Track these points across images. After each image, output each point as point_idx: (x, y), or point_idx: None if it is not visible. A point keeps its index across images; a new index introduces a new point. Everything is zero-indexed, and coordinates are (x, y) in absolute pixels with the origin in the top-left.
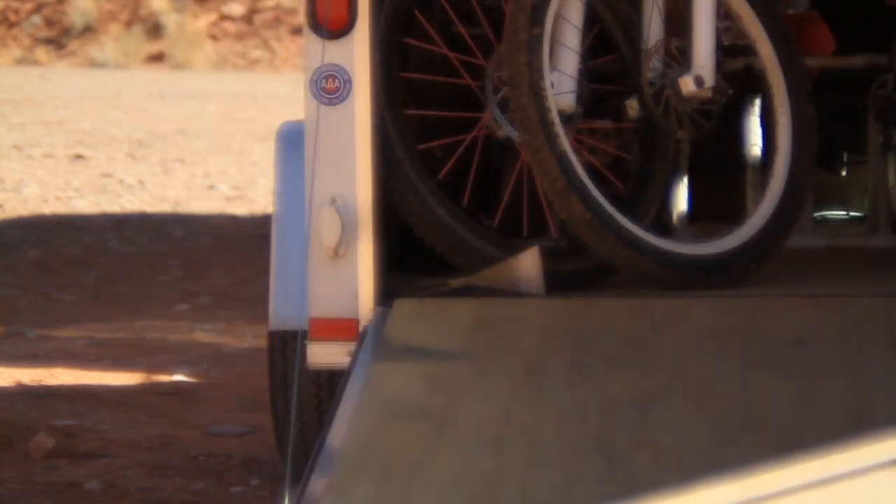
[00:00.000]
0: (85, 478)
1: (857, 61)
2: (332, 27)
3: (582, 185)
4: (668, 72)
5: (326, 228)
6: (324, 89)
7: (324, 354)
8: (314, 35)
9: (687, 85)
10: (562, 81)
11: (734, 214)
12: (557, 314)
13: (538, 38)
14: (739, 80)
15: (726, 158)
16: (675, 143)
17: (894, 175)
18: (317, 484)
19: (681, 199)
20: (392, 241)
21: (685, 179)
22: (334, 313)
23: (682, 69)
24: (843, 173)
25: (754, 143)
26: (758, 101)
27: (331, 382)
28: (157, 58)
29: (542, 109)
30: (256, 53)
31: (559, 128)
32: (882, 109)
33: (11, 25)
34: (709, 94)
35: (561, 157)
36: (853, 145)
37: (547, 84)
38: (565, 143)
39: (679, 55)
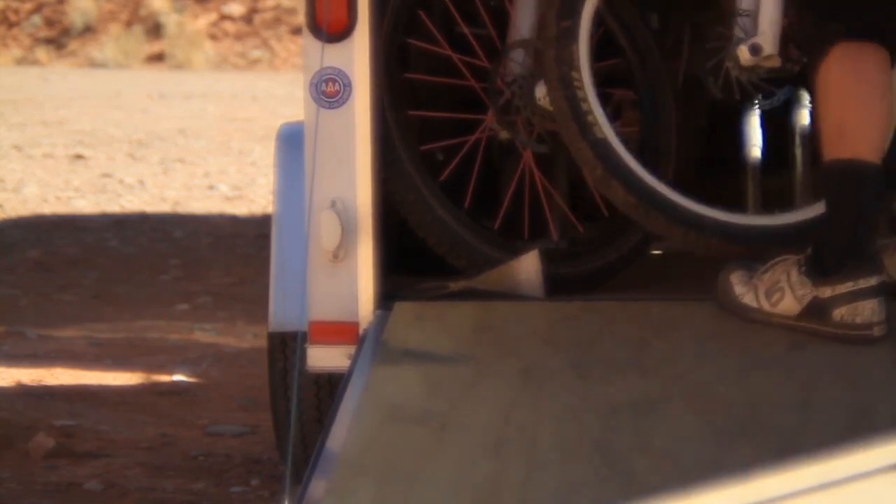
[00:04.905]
0: (85, 478)
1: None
2: (331, 30)
3: (624, 170)
4: (726, 41)
5: (326, 231)
6: (324, 93)
7: (323, 358)
8: (314, 38)
9: (744, 54)
10: None
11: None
12: (558, 317)
13: (567, 32)
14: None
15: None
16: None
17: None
18: (316, 487)
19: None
20: (392, 244)
21: None
22: (334, 316)
23: (741, 37)
24: None
25: (754, 143)
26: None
27: (331, 383)
28: (157, 58)
29: (574, 100)
30: (256, 53)
31: (595, 116)
32: None
33: (11, 25)
34: (771, 62)
35: (596, 145)
36: None
37: (581, 75)
38: (604, 131)
39: (738, 22)
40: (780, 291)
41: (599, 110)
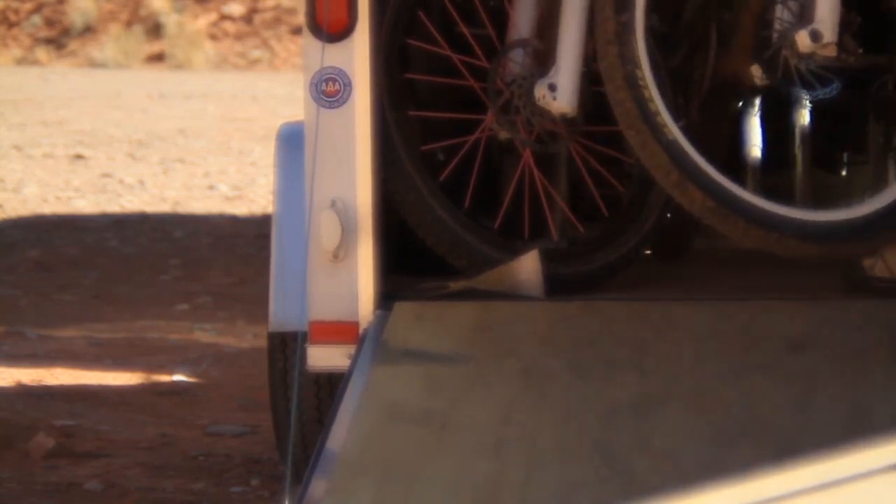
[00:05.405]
0: (85, 478)
1: (858, 61)
2: (331, 30)
3: (699, 173)
4: (784, 28)
5: (326, 231)
6: (324, 92)
7: (324, 357)
8: (314, 38)
9: (803, 40)
10: (561, 84)
11: None
12: (557, 317)
13: (627, 27)
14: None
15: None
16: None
17: (894, 175)
18: (317, 486)
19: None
20: (392, 244)
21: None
22: (334, 316)
23: (799, 24)
24: (843, 173)
25: (754, 143)
26: (758, 101)
27: (331, 383)
28: (157, 58)
29: (642, 101)
30: (256, 53)
31: (665, 117)
32: (882, 110)
33: (11, 25)
34: (829, 51)
35: (670, 147)
36: (853, 145)
37: (644, 74)
38: (675, 132)
39: (798, 8)
40: None
41: (666, 110)
